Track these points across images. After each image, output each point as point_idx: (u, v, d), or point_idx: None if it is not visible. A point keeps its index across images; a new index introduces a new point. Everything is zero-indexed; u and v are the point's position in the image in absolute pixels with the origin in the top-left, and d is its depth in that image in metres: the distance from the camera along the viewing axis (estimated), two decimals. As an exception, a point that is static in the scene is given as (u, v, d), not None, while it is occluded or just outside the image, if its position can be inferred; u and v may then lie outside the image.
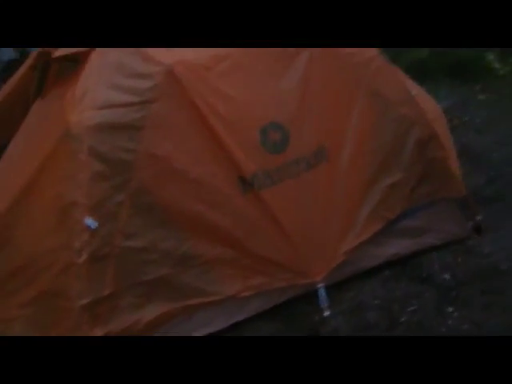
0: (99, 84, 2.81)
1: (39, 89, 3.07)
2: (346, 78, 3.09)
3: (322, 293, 3.02)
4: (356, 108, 3.10)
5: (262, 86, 2.93)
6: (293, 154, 2.93)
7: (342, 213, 3.09)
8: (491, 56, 5.70)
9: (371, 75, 3.14)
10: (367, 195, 3.14)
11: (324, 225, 3.04)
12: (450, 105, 4.83)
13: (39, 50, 3.01)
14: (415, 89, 3.38)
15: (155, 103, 2.75)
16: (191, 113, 2.78)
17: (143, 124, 2.74)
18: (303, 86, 2.98)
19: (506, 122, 4.80)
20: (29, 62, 3.13)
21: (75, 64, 2.94)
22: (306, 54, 3.00)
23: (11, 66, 4.65)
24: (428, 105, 3.41)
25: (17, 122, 3.11)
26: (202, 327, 2.88)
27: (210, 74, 2.83)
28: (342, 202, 3.08)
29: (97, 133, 2.72)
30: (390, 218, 3.21)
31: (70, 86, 2.88)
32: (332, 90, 3.05)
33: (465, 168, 3.59)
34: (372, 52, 3.17)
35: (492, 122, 4.82)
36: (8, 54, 5.44)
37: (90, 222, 2.68)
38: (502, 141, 4.53)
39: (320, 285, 3.02)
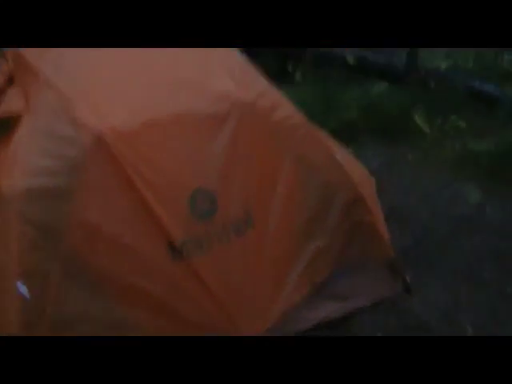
0: (30, 149, 2.83)
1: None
2: (272, 144, 3.14)
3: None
4: (282, 174, 3.15)
5: (191, 152, 2.95)
6: (221, 221, 2.96)
7: (271, 278, 3.13)
8: (417, 116, 5.84)
9: (297, 142, 3.20)
10: (295, 260, 3.19)
11: (254, 290, 3.06)
12: (378, 166, 4.94)
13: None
14: (341, 153, 3.48)
15: (85, 169, 2.76)
16: (121, 179, 2.79)
17: (73, 190, 2.74)
18: (230, 153, 3.02)
19: (432, 182, 4.93)
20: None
21: (6, 128, 2.96)
22: (233, 121, 3.04)
23: None
24: (354, 168, 3.50)
25: None
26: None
27: (140, 141, 2.85)
28: (270, 266, 3.11)
29: (28, 199, 2.72)
30: (317, 282, 3.26)
31: (0, 150, 2.89)
32: (258, 157, 3.11)
33: (393, 229, 3.67)
34: (299, 118, 3.25)
35: (419, 181, 4.93)
36: None
37: (23, 289, 2.67)
38: (429, 201, 4.65)
39: (251, 349, 3.03)
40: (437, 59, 7.31)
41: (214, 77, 3.19)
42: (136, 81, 3.08)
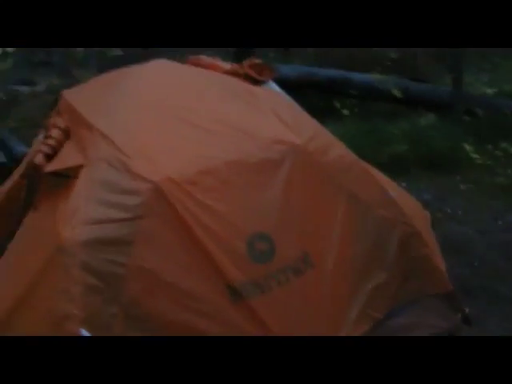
0: (89, 200, 2.91)
1: (29, 202, 3.17)
2: (326, 185, 3.17)
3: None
4: (337, 214, 3.17)
5: (246, 198, 3.00)
6: (279, 263, 2.97)
7: (331, 316, 3.11)
8: (468, 146, 5.83)
9: (350, 181, 3.23)
10: (354, 297, 3.18)
11: (314, 329, 3.04)
12: (431, 197, 4.95)
13: (29, 162, 3.14)
14: (394, 188, 3.48)
15: (144, 219, 2.83)
16: (179, 227, 2.85)
17: (133, 239, 2.81)
18: (286, 196, 3.05)
19: (486, 211, 4.91)
20: (20, 169, 3.30)
21: (66, 178, 3.05)
22: (287, 164, 3.08)
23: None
24: (407, 202, 3.50)
25: (9, 230, 3.24)
26: None
27: (196, 189, 2.91)
28: (330, 305, 3.11)
29: (88, 248, 2.80)
30: (378, 318, 3.25)
31: (61, 200, 2.98)
32: (313, 198, 3.13)
33: (449, 260, 3.65)
34: (350, 158, 3.29)
35: (473, 211, 4.93)
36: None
37: (88, 334, 2.73)
38: (485, 230, 4.63)
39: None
40: (482, 86, 7.31)
41: (265, 121, 3.24)
42: (188, 129, 3.15)
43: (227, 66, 3.84)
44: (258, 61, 3.72)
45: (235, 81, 3.60)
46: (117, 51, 10.81)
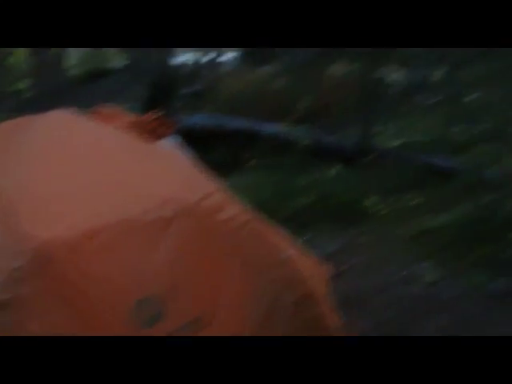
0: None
1: None
2: (219, 245, 3.11)
3: None
4: (230, 275, 3.11)
5: (135, 259, 2.92)
6: (169, 326, 2.89)
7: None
8: (373, 197, 5.91)
9: (244, 241, 3.17)
10: (247, 359, 3.14)
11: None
12: (334, 250, 4.97)
13: None
14: (290, 246, 3.46)
15: (23, 282, 2.71)
16: (60, 294, 2.75)
17: (13, 302, 2.70)
18: (176, 257, 2.98)
19: (389, 263, 4.96)
20: None
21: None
22: (177, 224, 3.01)
23: None
24: (304, 261, 3.48)
25: None
26: None
27: (81, 252, 2.81)
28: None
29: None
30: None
31: None
32: (206, 258, 3.07)
33: (349, 314, 3.65)
34: (244, 217, 3.22)
35: (375, 264, 4.96)
36: None
37: None
38: (384, 284, 4.66)
39: None
40: (389, 137, 7.47)
41: (159, 179, 3.19)
42: (80, 186, 3.07)
43: (129, 117, 3.80)
44: (159, 114, 3.70)
45: (133, 136, 3.55)
46: (31, 92, 10.85)
